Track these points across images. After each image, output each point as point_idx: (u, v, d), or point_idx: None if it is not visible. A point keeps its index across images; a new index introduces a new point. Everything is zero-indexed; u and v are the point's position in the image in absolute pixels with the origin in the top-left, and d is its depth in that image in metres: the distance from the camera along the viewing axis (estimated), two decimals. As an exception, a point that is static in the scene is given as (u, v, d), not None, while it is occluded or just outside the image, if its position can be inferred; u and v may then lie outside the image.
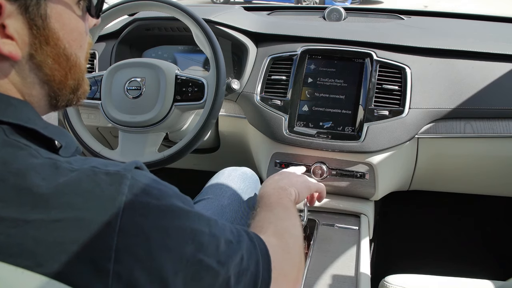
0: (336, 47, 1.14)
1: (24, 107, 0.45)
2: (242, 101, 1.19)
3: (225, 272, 0.46)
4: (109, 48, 1.31)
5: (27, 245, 0.36)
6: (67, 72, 0.49)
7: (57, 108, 0.52)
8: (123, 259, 0.38)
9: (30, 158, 0.40)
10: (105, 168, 0.41)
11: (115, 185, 0.40)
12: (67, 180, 0.39)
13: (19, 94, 0.46)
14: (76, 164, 0.41)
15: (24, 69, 0.45)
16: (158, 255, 0.40)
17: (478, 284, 0.86)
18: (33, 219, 0.37)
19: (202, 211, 0.48)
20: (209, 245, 0.45)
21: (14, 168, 0.38)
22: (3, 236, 0.36)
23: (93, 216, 0.38)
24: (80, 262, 0.37)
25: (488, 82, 1.07)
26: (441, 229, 1.63)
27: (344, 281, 0.88)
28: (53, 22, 0.45)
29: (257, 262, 0.52)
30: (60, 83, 0.49)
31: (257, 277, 0.51)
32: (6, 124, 0.42)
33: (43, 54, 0.46)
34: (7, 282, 0.36)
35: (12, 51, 0.43)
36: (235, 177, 1.11)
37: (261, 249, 0.54)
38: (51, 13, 0.45)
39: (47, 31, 0.45)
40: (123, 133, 1.05)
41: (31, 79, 0.47)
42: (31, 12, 0.43)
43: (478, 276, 0.87)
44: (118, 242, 0.38)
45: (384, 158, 1.07)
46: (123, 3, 1.03)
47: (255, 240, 0.55)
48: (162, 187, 0.44)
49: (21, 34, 0.43)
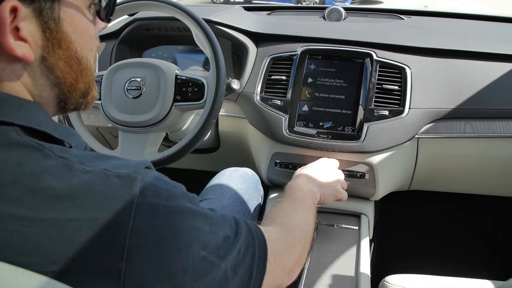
0: (336, 47, 1.14)
1: (35, 109, 0.46)
2: (242, 101, 1.19)
3: (224, 265, 0.48)
4: (109, 48, 1.31)
5: (41, 244, 0.37)
6: (78, 76, 0.50)
7: (65, 111, 0.54)
8: (135, 258, 0.39)
9: (43, 159, 0.41)
10: (116, 171, 0.43)
11: (126, 188, 0.42)
12: (80, 181, 0.40)
13: (29, 95, 0.47)
14: (88, 164, 0.43)
15: (36, 71, 0.46)
16: (168, 254, 0.42)
17: (478, 284, 0.86)
18: (48, 218, 0.38)
19: (205, 208, 0.50)
20: (211, 243, 0.47)
21: (28, 169, 0.39)
22: (18, 234, 0.37)
23: (106, 216, 0.39)
24: (93, 261, 0.38)
25: (488, 82, 1.07)
26: (441, 229, 1.63)
27: (344, 281, 0.88)
28: (66, 25, 0.46)
29: (253, 253, 0.54)
30: (71, 86, 0.50)
31: (252, 268, 0.53)
32: (18, 126, 0.43)
33: (55, 56, 0.46)
34: (7, 282, 0.36)
35: (25, 53, 0.43)
36: (236, 178, 1.11)
37: (258, 240, 0.56)
38: (64, 16, 0.46)
39: (60, 34, 0.46)
40: (123, 133, 1.05)
41: (42, 81, 0.47)
42: (45, 15, 0.44)
43: (478, 276, 0.87)
44: (130, 242, 0.39)
45: (384, 158, 1.07)
46: (123, 3, 1.03)
47: (254, 232, 0.57)
48: (170, 188, 0.46)
49: (35, 37, 0.44)
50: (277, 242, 0.62)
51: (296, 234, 0.69)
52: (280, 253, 0.61)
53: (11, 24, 0.41)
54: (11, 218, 0.37)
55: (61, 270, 0.37)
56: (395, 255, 1.54)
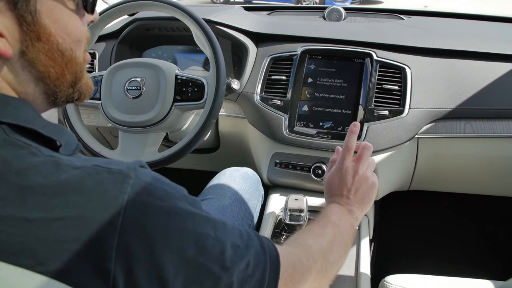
0: (336, 47, 1.14)
1: (23, 106, 0.45)
2: (242, 101, 1.19)
3: (227, 278, 0.45)
4: (109, 48, 1.31)
5: (28, 244, 0.36)
6: (64, 68, 0.48)
7: (57, 105, 0.52)
8: (124, 258, 0.38)
9: (31, 156, 0.40)
10: (107, 166, 0.41)
11: (117, 184, 0.40)
12: (68, 177, 0.39)
13: (14, 92, 0.46)
14: (78, 162, 0.41)
15: (16, 67, 0.45)
16: (159, 255, 0.39)
17: (478, 284, 0.86)
18: (34, 218, 0.37)
19: (210, 213, 0.47)
20: (213, 249, 0.44)
21: (14, 167, 0.38)
22: (4, 235, 0.36)
23: (95, 214, 0.38)
24: (81, 260, 0.37)
25: (488, 82, 1.07)
26: (441, 229, 1.63)
27: (344, 281, 0.88)
28: (44, 17, 0.44)
29: (264, 269, 0.50)
30: (57, 80, 0.48)
31: (262, 284, 0.50)
32: (6, 124, 0.42)
33: (35, 50, 0.45)
34: (7, 282, 0.36)
35: (1, 48, 0.42)
36: (237, 178, 1.11)
37: (271, 256, 0.52)
38: (42, 8, 0.44)
39: (37, 27, 0.44)
40: (123, 133, 1.05)
41: (25, 77, 0.46)
42: (20, 8, 0.42)
43: (478, 276, 0.87)
44: (119, 241, 0.38)
45: (384, 158, 1.07)
46: (123, 3, 1.03)
47: (266, 246, 0.53)
48: (167, 188, 0.43)
49: (11, 31, 0.42)
50: (294, 266, 0.57)
51: (317, 259, 0.62)
52: (294, 279, 0.56)
53: None
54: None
55: (49, 271, 0.36)
56: (395, 255, 1.54)
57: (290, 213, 0.94)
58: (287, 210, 0.94)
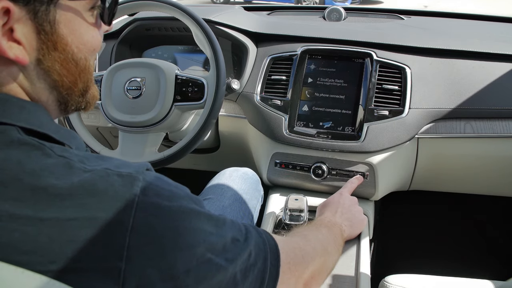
0: (336, 47, 1.14)
1: (37, 110, 0.46)
2: (242, 101, 1.19)
3: (232, 269, 0.47)
4: (109, 48, 1.31)
5: (41, 243, 0.37)
6: (77, 78, 0.50)
7: (67, 113, 0.54)
8: (135, 258, 0.39)
9: (44, 158, 0.41)
10: (117, 169, 0.43)
11: (127, 186, 0.41)
12: (81, 180, 0.40)
13: (28, 98, 0.47)
14: (88, 164, 0.43)
15: (32, 75, 0.46)
16: (170, 254, 0.41)
17: (478, 284, 0.86)
18: (48, 218, 0.38)
19: (211, 211, 0.49)
20: (217, 245, 0.47)
21: (28, 168, 0.39)
22: (18, 233, 0.37)
23: (106, 215, 0.39)
24: (93, 260, 0.38)
25: (488, 82, 1.07)
26: (441, 229, 1.63)
27: (344, 281, 0.88)
28: (62, 28, 0.46)
29: (265, 258, 0.53)
30: (69, 89, 0.50)
31: (264, 273, 0.52)
32: (19, 127, 0.43)
33: (51, 59, 0.46)
34: (7, 282, 0.36)
35: (18, 55, 0.43)
36: (236, 178, 1.11)
37: (270, 245, 0.55)
38: (60, 19, 0.45)
39: (55, 37, 0.45)
40: (123, 133, 1.05)
41: (40, 85, 0.47)
42: (40, 17, 0.43)
43: (478, 276, 0.87)
44: (130, 241, 0.39)
45: (384, 158, 1.07)
46: (123, 3, 1.03)
47: (265, 237, 0.55)
48: (173, 189, 0.45)
49: (29, 39, 0.44)
50: (294, 251, 0.61)
51: (316, 247, 0.66)
52: (296, 262, 0.59)
53: (4, 25, 0.41)
54: (12, 217, 0.37)
55: (61, 269, 0.37)
56: (395, 255, 1.54)
57: (290, 213, 0.94)
58: (287, 210, 0.94)
